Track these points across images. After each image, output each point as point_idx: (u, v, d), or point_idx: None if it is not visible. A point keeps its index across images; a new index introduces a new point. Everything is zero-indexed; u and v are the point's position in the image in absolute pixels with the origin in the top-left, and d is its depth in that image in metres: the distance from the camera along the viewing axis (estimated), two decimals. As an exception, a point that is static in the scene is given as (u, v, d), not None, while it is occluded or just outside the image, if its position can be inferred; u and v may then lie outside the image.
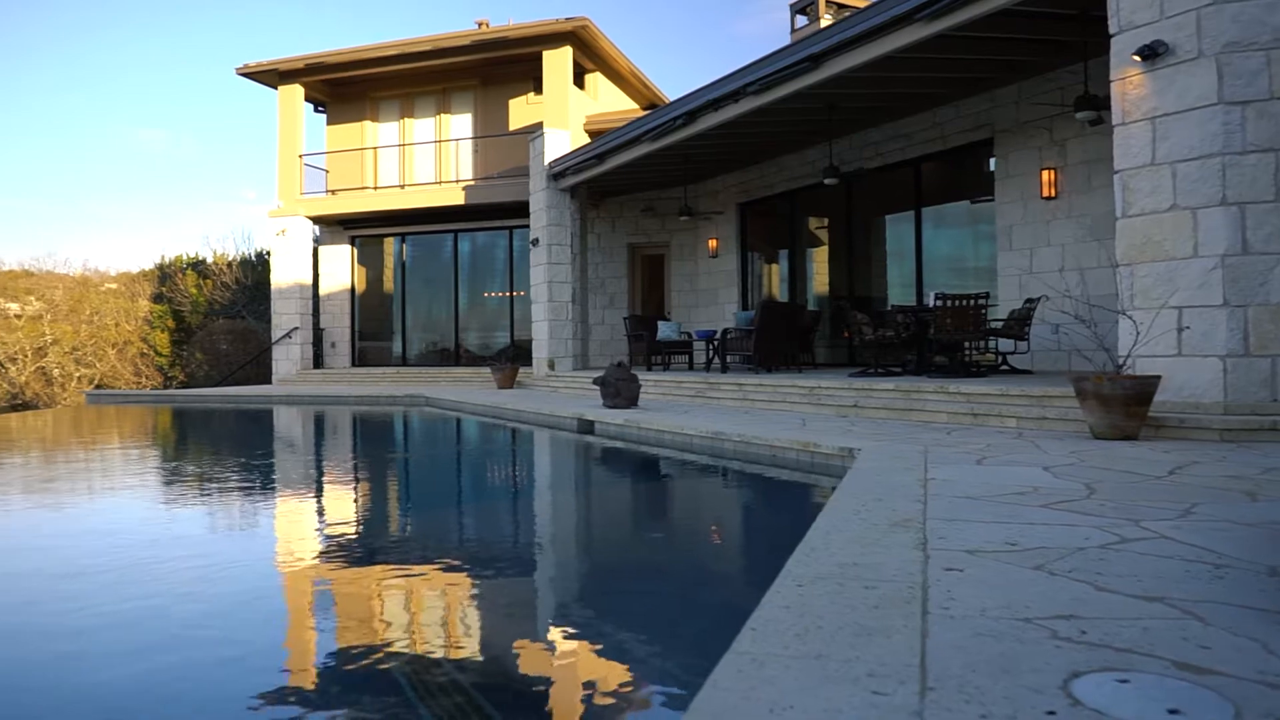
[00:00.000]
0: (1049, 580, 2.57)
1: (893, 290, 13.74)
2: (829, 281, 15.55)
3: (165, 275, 27.35)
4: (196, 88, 72.40)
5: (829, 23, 16.53)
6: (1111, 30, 6.73)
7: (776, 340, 12.44)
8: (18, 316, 27.31)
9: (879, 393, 8.64)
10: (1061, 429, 6.81)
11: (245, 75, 20.25)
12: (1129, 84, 6.57)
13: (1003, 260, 11.30)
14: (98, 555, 4.34)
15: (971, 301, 9.50)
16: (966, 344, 9.88)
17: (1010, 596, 2.40)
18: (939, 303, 9.45)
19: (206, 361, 23.48)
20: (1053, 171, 10.64)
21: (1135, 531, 3.20)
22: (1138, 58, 6.46)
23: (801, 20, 17.97)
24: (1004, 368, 10.03)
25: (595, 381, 10.21)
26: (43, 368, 26.44)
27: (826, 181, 12.44)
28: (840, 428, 7.45)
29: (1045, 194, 10.66)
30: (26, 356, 26.26)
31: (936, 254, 12.94)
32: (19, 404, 25.30)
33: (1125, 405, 5.99)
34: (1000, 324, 10.06)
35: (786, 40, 16.34)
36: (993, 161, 11.59)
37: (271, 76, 20.23)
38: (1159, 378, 6.08)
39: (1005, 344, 10.41)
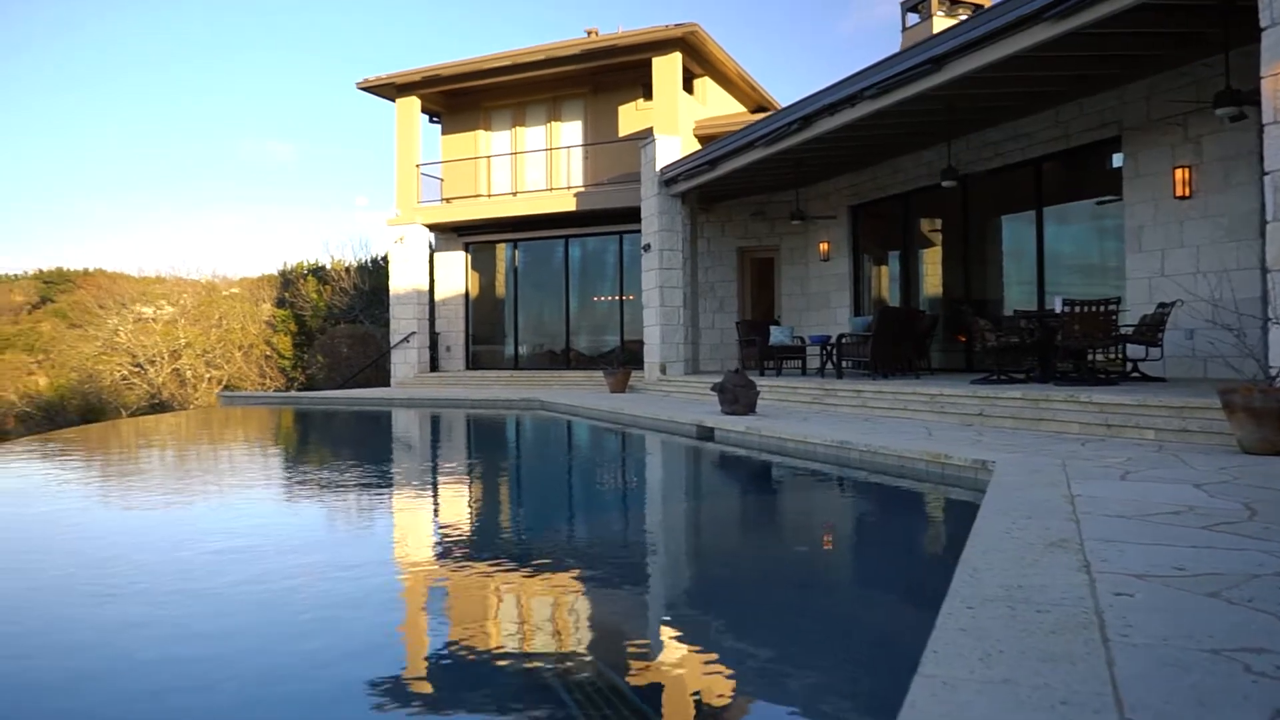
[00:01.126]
0: (1229, 609, 2.54)
1: (1009, 291, 13.39)
2: (942, 283, 15.26)
3: (287, 281, 28.67)
4: (312, 99, 75.55)
5: (942, 19, 16.22)
6: (1263, 24, 6.45)
7: (893, 345, 12.28)
8: (153, 320, 29.04)
9: (1005, 401, 8.46)
10: (1205, 442, 6.56)
11: (365, 89, 21.07)
12: (1281, 81, 6.29)
13: (1131, 262, 10.90)
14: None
15: (1101, 307, 9.21)
16: (1091, 350, 9.58)
17: (1190, 625, 2.39)
18: (1066, 308, 9.20)
19: (327, 364, 24.49)
20: (1187, 170, 10.20)
21: (1312, 558, 3.11)
22: (1291, 54, 6.18)
23: (913, 18, 17.64)
24: (1135, 375, 9.69)
25: (713, 388, 10.28)
26: (177, 369, 28.04)
27: (944, 184, 12.22)
28: (968, 438, 7.34)
29: (1179, 193, 10.24)
30: (163, 359, 27.89)
31: (1058, 254, 12.56)
32: (157, 404, 26.88)
33: (1278, 419, 5.74)
34: (1131, 329, 9.72)
35: (892, 37, 16.08)
36: (1118, 159, 11.19)
37: (390, 89, 20.99)
38: (1316, 390, 5.81)
39: (1134, 350, 10.04)
